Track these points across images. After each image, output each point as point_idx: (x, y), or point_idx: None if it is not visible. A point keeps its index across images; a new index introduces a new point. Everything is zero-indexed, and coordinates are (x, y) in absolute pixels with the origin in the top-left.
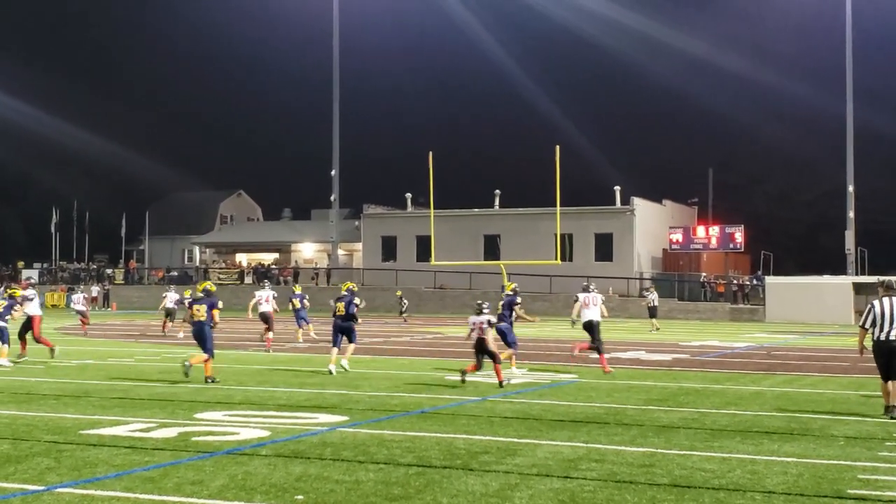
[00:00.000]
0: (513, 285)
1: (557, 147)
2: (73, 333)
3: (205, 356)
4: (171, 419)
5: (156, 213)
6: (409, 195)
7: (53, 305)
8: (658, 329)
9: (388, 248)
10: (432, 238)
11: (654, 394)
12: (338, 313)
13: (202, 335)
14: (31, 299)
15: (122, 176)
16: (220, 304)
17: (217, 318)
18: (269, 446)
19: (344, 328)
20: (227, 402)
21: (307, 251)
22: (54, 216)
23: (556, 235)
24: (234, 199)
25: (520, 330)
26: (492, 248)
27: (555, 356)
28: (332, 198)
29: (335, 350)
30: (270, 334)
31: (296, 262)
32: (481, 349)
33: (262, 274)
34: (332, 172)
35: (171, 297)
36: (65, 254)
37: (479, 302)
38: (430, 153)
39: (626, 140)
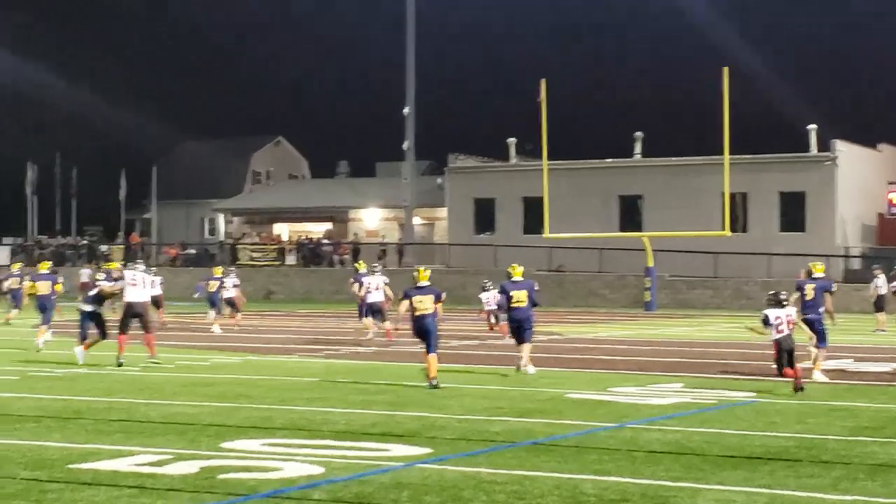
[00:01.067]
0: (821, 267)
1: (725, 70)
2: (54, 331)
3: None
4: (192, 449)
5: (166, 171)
6: (512, 141)
7: (31, 294)
8: (884, 329)
9: (484, 216)
10: (545, 200)
11: (865, 419)
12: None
13: (428, 329)
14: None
15: (120, 124)
16: (444, 296)
17: (441, 312)
18: (323, 488)
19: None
20: (265, 426)
21: (370, 220)
22: (29, 174)
23: (723, 195)
24: (270, 149)
25: (672, 329)
26: (630, 215)
27: (727, 366)
28: (404, 146)
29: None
30: (388, 324)
31: (355, 234)
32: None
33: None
34: (406, 110)
35: (225, 283)
36: (44, 225)
37: (779, 293)
38: (543, 82)
39: (822, 61)
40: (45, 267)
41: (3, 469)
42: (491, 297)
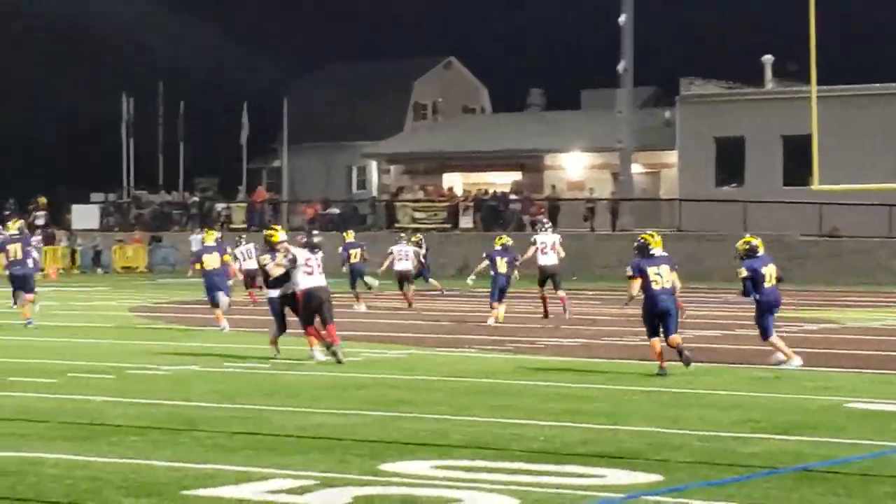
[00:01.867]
0: None
1: None
2: (157, 316)
3: None
4: (341, 472)
5: (299, 105)
6: (768, 59)
7: (126, 268)
8: None
9: (728, 161)
10: (814, 140)
11: None
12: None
13: (667, 309)
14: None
15: (238, 44)
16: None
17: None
18: None
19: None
20: (437, 442)
21: (573, 168)
22: (125, 107)
23: None
24: (438, 73)
25: None
26: None
27: None
28: (620, 68)
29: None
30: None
31: (553, 187)
32: None
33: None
34: (621, 19)
35: (402, 252)
36: (143, 178)
37: None
38: None
39: None
40: (210, 237)
41: (100, 495)
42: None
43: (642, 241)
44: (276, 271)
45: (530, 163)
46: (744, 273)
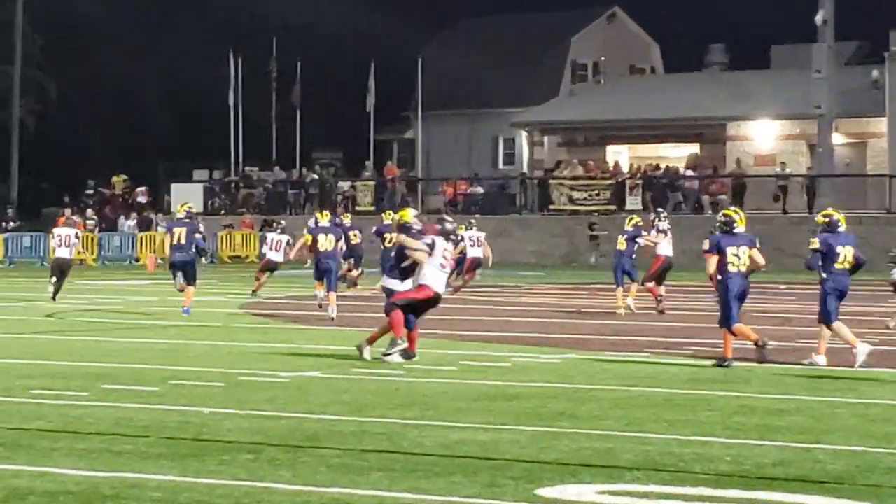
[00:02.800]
0: None
1: None
2: (272, 314)
3: None
4: (491, 497)
5: (435, 66)
6: None
7: (234, 257)
8: None
9: None
10: None
11: None
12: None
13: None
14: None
15: None
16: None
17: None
18: None
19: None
20: (604, 463)
21: (762, 138)
22: (234, 70)
23: None
24: (600, 27)
25: None
26: None
27: None
28: (818, 19)
29: None
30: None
31: (737, 161)
32: None
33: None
34: None
35: (474, 238)
36: (253, 151)
37: None
38: None
39: None
40: (325, 217)
41: None
42: None
43: (727, 217)
44: (416, 255)
45: (710, 133)
46: (816, 244)
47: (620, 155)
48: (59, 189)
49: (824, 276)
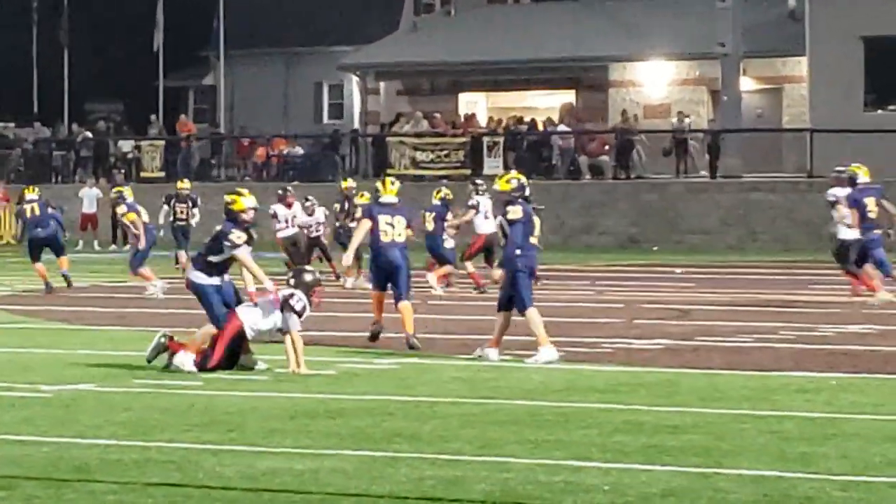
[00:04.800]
0: None
1: None
2: (22, 310)
3: None
4: None
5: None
6: None
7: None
8: None
9: (884, 73)
10: None
11: None
12: None
13: None
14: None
15: None
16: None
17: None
18: None
19: None
20: (452, 496)
21: (653, 84)
22: None
23: None
24: None
25: None
26: None
27: None
28: None
29: None
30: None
31: (623, 113)
32: None
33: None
34: None
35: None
36: (7, 103)
37: None
38: None
39: None
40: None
41: None
42: None
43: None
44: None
45: (588, 77)
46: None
47: (476, 105)
48: None
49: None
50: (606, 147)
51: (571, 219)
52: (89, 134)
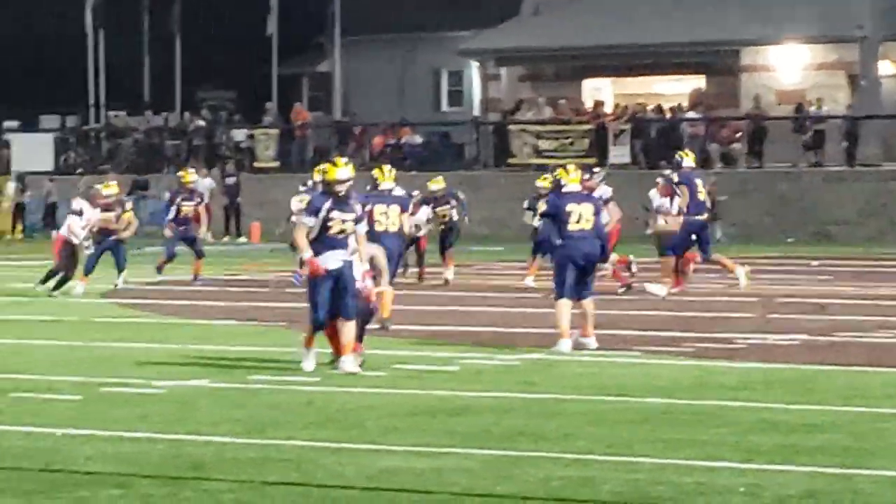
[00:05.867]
0: None
1: None
2: (141, 304)
3: None
4: None
5: None
6: None
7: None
8: None
9: None
10: None
11: None
12: None
13: None
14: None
15: None
16: None
17: None
18: None
19: None
20: (579, 496)
21: (787, 69)
22: None
23: None
24: None
25: None
26: None
27: None
28: None
29: None
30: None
31: (755, 99)
32: None
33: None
34: None
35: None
36: (118, 91)
37: None
38: None
39: None
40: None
41: None
42: None
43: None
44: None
45: (719, 62)
46: None
47: (602, 92)
48: None
49: None
50: (738, 134)
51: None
52: (202, 122)
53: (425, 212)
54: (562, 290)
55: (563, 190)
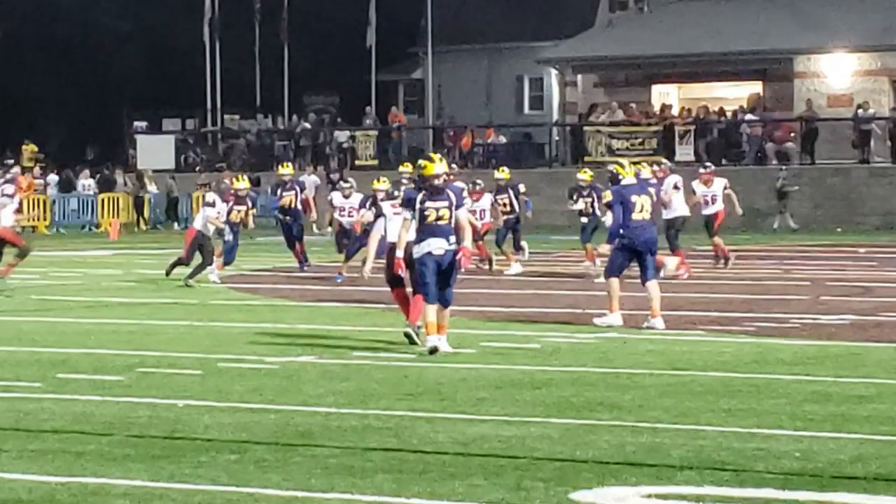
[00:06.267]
0: None
1: None
2: (259, 289)
3: None
4: (517, 502)
5: None
6: None
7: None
8: None
9: None
10: None
11: None
12: None
13: None
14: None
15: None
16: None
17: None
18: None
19: None
20: (649, 461)
21: (837, 75)
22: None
23: None
24: None
25: None
26: None
27: None
28: None
29: None
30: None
31: (808, 103)
32: None
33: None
34: None
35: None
36: (233, 96)
37: None
38: None
39: None
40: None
41: None
42: None
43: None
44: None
45: (775, 69)
46: None
47: (669, 96)
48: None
49: None
50: (792, 134)
51: (759, 202)
52: (307, 125)
53: (487, 199)
54: (613, 270)
55: (623, 182)
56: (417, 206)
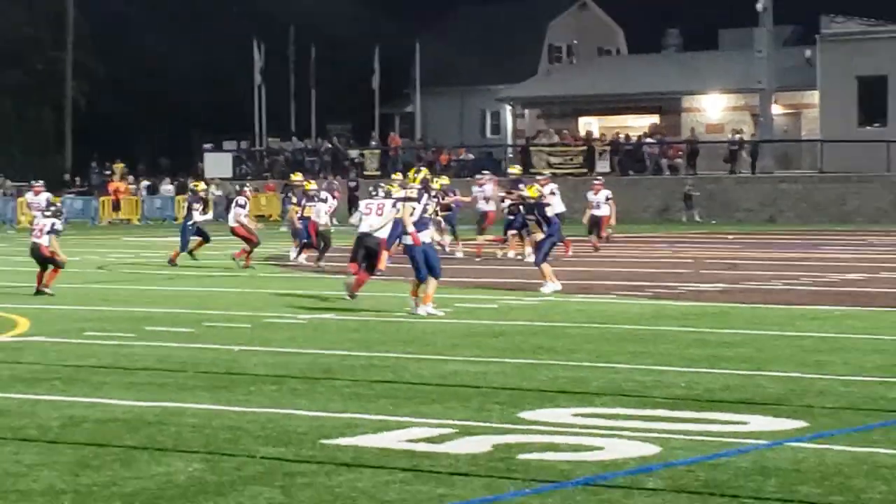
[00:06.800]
0: None
1: None
2: (292, 265)
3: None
4: (480, 420)
5: (432, 48)
6: None
7: (258, 216)
8: None
9: (871, 101)
10: None
11: None
12: None
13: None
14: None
15: None
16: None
17: None
18: (659, 473)
19: None
20: (577, 390)
21: (712, 109)
22: (257, 54)
23: None
24: (572, 15)
25: None
26: None
27: None
28: (759, 6)
29: None
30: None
31: (692, 130)
32: None
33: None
34: None
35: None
36: (275, 125)
37: None
38: None
39: None
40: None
41: (238, 444)
42: None
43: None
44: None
45: (668, 105)
46: None
47: (591, 125)
48: (108, 159)
49: None
50: (680, 153)
51: (655, 203)
52: (329, 145)
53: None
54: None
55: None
56: (423, 203)
